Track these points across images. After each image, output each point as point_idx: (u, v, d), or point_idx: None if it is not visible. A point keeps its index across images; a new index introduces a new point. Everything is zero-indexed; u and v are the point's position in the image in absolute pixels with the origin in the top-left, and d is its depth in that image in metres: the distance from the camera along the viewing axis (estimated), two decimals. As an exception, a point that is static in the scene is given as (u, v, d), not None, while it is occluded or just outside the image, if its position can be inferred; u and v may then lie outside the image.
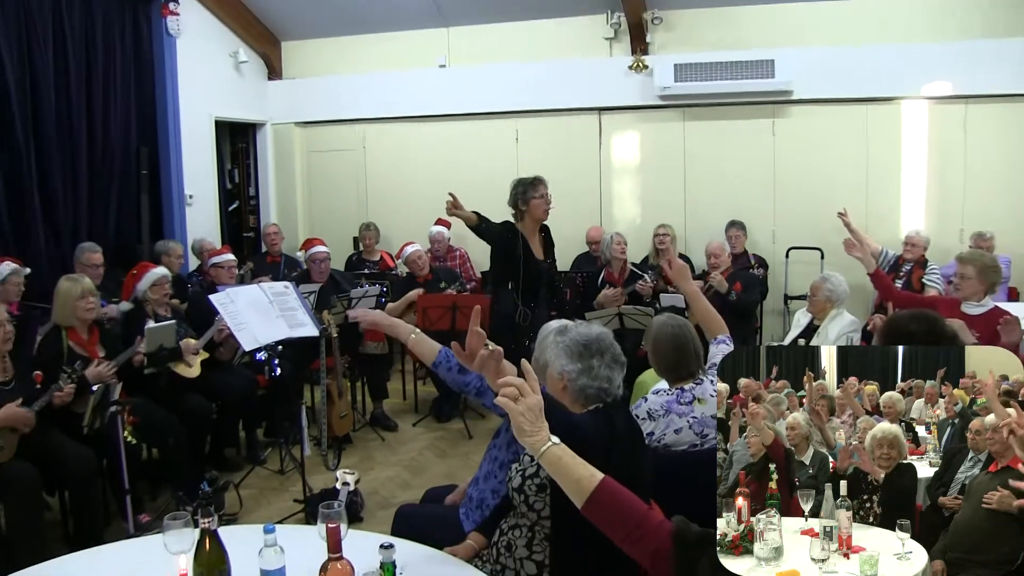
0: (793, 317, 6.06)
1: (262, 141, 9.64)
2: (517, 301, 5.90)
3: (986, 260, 4.95)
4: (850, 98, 7.82)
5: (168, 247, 6.94)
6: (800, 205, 8.09)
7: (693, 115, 8.32)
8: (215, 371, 5.60)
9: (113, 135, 7.20)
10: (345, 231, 9.24)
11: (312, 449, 6.10)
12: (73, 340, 4.78)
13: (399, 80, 9.07)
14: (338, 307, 6.37)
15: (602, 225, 8.45)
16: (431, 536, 2.79)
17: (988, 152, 7.56)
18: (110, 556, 2.74)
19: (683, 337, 3.52)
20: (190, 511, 2.41)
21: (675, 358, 3.51)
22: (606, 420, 2.56)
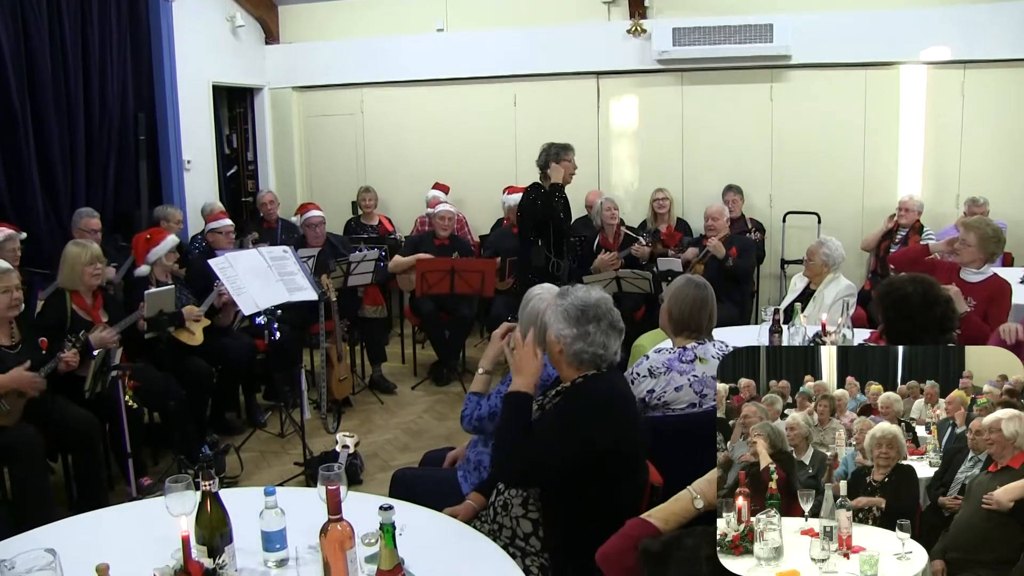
0: (790, 281, 6.08)
1: (260, 106, 9.58)
2: (549, 254, 5.95)
3: (988, 230, 4.84)
4: (848, 63, 7.76)
5: (167, 212, 6.92)
6: (797, 170, 8.08)
7: (691, 79, 8.27)
8: (215, 335, 5.64)
9: (110, 101, 7.15)
10: (343, 195, 9.22)
11: (312, 412, 6.15)
12: (77, 304, 4.82)
13: (397, 44, 9.00)
14: (337, 271, 6.40)
15: (600, 189, 8.45)
16: (429, 499, 2.82)
17: (985, 117, 7.53)
18: (113, 519, 2.78)
19: (703, 299, 3.65)
20: (191, 474, 2.45)
21: (688, 315, 3.63)
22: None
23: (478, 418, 3.23)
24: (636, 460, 2.68)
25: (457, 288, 6.69)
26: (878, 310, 3.06)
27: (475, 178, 8.84)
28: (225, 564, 2.18)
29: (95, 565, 2.25)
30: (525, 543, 2.67)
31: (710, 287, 3.73)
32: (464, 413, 3.29)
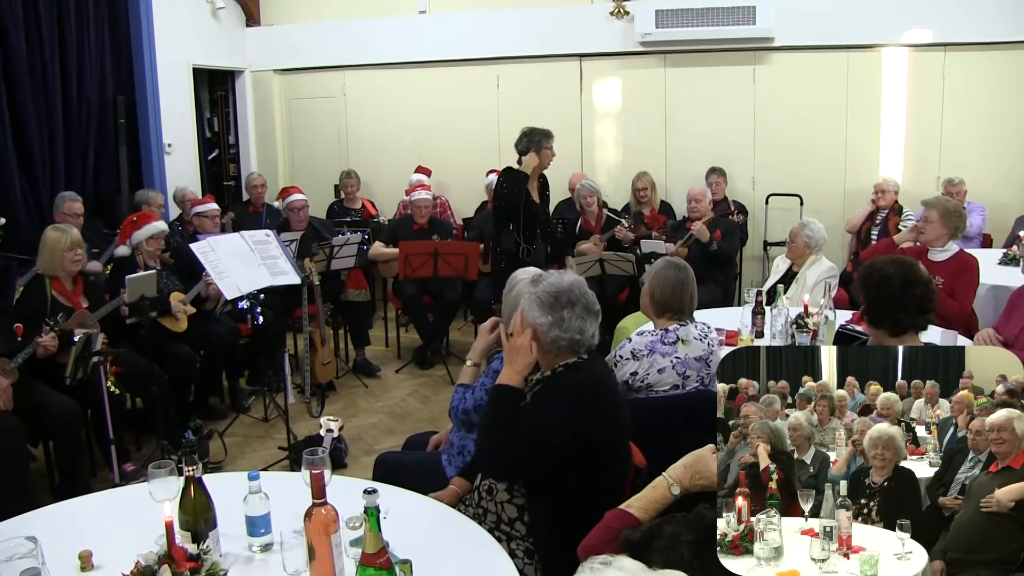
0: (772, 263, 6.11)
1: (241, 89, 9.51)
2: (519, 240, 5.94)
3: (948, 205, 5.03)
4: (831, 45, 7.79)
5: (148, 196, 6.87)
6: (780, 152, 8.10)
7: (674, 61, 8.26)
8: (198, 320, 5.61)
9: (88, 84, 7.07)
10: (326, 179, 9.18)
11: (296, 397, 6.14)
12: (57, 290, 4.77)
13: (379, 27, 8.94)
14: (320, 255, 6.38)
15: (583, 171, 8.45)
16: (413, 482, 2.82)
17: (965, 100, 7.58)
18: (95, 505, 2.76)
19: (684, 281, 3.65)
20: (175, 460, 2.44)
21: (670, 297, 3.63)
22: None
23: (463, 411, 3.23)
24: (619, 448, 2.68)
25: (440, 271, 6.68)
26: (859, 291, 3.08)
27: (458, 161, 8.81)
28: (209, 549, 2.18)
29: (78, 552, 2.26)
30: (510, 528, 2.68)
31: (690, 269, 3.74)
32: (452, 405, 3.29)
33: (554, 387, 2.62)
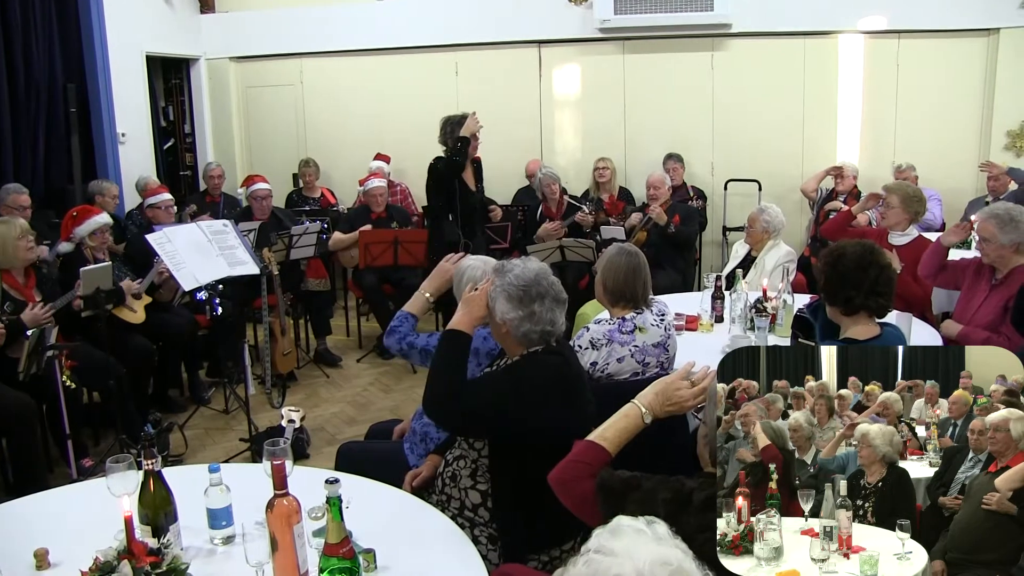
0: (731, 248, 6.16)
1: (196, 77, 9.35)
2: (458, 231, 5.92)
3: (909, 190, 5.17)
4: (788, 31, 7.86)
5: (102, 187, 6.74)
6: (738, 138, 8.16)
7: (633, 48, 8.28)
8: (155, 311, 5.54)
9: (36, 70, 6.90)
10: (284, 168, 9.09)
11: (256, 387, 6.09)
12: (8, 283, 4.68)
13: (336, 13, 8.85)
14: (279, 244, 6.32)
15: (542, 158, 8.45)
16: (375, 471, 2.81)
17: (919, 86, 7.70)
18: (52, 502, 2.71)
19: (636, 267, 3.60)
20: (134, 454, 2.41)
21: (623, 285, 3.59)
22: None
23: (409, 344, 3.22)
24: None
25: (400, 259, 6.66)
26: (820, 269, 3.13)
27: (417, 148, 8.68)
28: (170, 543, 2.15)
29: (33, 550, 2.22)
30: (474, 514, 2.69)
31: (642, 254, 3.68)
32: (395, 328, 3.26)
33: (525, 367, 2.62)
